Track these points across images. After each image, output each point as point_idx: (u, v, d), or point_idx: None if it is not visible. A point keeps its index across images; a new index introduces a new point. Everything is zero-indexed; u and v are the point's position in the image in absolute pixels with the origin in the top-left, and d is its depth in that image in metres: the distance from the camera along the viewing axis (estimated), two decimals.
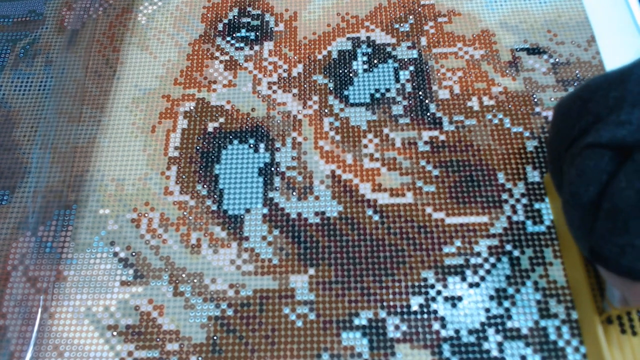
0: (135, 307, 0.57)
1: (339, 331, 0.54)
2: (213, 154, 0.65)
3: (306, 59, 0.70)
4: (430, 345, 0.53)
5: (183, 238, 0.60)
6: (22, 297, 0.58)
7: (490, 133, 0.63)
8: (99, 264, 0.59)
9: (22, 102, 0.70)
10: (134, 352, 0.54)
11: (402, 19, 0.72)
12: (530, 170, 0.61)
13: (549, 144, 0.50)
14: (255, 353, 0.54)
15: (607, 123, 0.40)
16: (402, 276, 0.56)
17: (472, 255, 0.57)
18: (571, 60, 0.67)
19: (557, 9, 0.71)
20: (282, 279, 0.57)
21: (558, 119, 0.48)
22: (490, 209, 0.59)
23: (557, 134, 0.48)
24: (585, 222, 0.41)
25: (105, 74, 0.71)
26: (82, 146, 0.66)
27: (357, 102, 0.67)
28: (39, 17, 0.77)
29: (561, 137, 0.47)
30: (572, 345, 0.52)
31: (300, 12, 0.74)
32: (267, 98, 0.68)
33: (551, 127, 0.50)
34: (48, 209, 0.62)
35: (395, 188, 0.61)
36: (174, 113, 0.68)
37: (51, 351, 0.55)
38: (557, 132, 0.48)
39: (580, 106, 0.44)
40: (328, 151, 0.64)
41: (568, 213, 0.43)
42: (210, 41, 0.73)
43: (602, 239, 0.40)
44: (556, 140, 0.48)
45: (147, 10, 0.76)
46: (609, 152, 0.39)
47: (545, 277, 0.55)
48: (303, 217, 0.60)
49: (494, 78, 0.67)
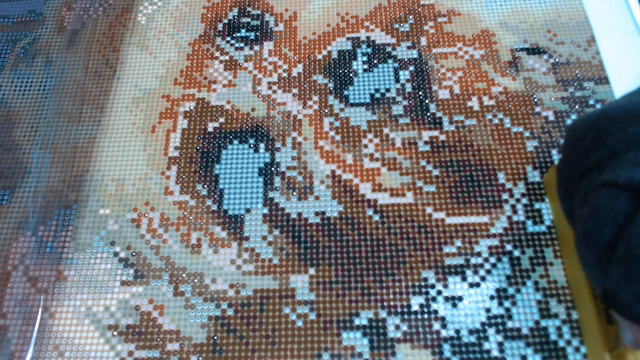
0: (136, 307, 0.57)
1: (340, 331, 0.54)
2: (213, 154, 0.65)
3: (306, 59, 0.70)
4: (431, 345, 0.53)
5: (183, 238, 0.60)
6: (22, 297, 0.58)
7: (491, 133, 0.63)
8: (99, 263, 0.59)
9: (22, 102, 0.70)
10: (135, 352, 0.54)
11: (402, 19, 0.72)
12: (530, 170, 0.61)
13: (560, 167, 0.48)
14: (256, 353, 0.54)
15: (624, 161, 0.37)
16: (402, 276, 0.56)
17: (472, 255, 0.57)
18: (571, 60, 0.67)
19: (557, 9, 0.71)
20: (282, 279, 0.57)
21: (571, 144, 0.46)
22: (491, 209, 0.59)
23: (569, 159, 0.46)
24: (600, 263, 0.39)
25: (105, 74, 0.71)
26: (82, 146, 0.66)
27: (357, 102, 0.67)
28: (38, 17, 0.77)
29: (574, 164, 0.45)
30: (573, 345, 0.52)
31: (300, 12, 0.74)
32: (267, 98, 0.68)
33: (563, 150, 0.48)
34: (48, 209, 0.62)
35: (395, 188, 0.61)
36: (174, 113, 0.68)
37: (51, 351, 0.55)
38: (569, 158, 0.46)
39: (596, 136, 0.42)
40: (328, 151, 0.64)
41: (581, 252, 0.41)
42: (210, 41, 0.73)
43: (617, 285, 0.38)
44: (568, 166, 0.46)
45: (147, 10, 0.76)
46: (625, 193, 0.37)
47: (545, 277, 0.55)
48: (303, 217, 0.60)
49: (494, 78, 0.67)
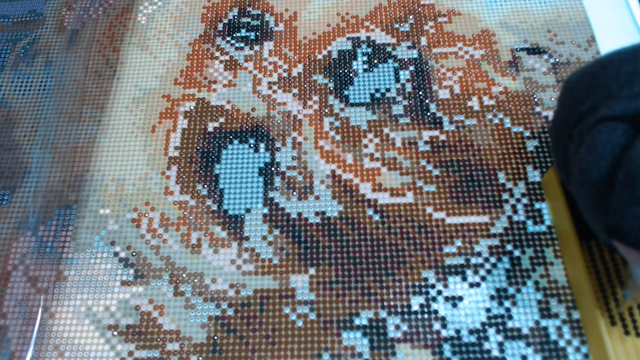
0: (136, 307, 0.57)
1: (340, 331, 0.54)
2: (213, 153, 0.65)
3: (306, 59, 0.70)
4: (431, 345, 0.53)
5: (183, 238, 0.60)
6: (22, 297, 0.58)
7: (491, 133, 0.63)
8: (99, 263, 0.59)
9: (22, 102, 0.70)
10: (135, 352, 0.54)
11: (402, 19, 0.72)
12: (530, 170, 0.61)
13: (554, 121, 0.49)
14: (256, 353, 0.54)
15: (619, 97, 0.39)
16: (402, 276, 0.56)
17: (472, 255, 0.57)
18: (571, 60, 0.67)
19: (557, 8, 0.71)
20: (282, 279, 0.57)
21: (566, 94, 0.47)
22: (491, 209, 0.59)
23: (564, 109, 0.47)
24: (599, 200, 0.40)
25: (105, 74, 0.71)
26: (83, 146, 0.66)
27: (357, 102, 0.67)
28: (39, 17, 0.77)
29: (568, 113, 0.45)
30: (573, 345, 0.52)
31: (300, 12, 0.74)
32: (267, 98, 0.68)
33: (558, 103, 0.48)
34: (48, 209, 0.62)
35: (395, 188, 0.61)
36: (174, 113, 0.68)
37: (52, 351, 0.55)
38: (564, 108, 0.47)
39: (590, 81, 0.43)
40: (328, 151, 0.64)
41: (580, 194, 0.42)
42: (210, 41, 0.73)
43: (619, 213, 0.38)
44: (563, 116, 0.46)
45: (147, 10, 0.76)
46: (622, 124, 0.38)
47: (546, 277, 0.55)
48: (303, 217, 0.60)
49: (494, 78, 0.67)
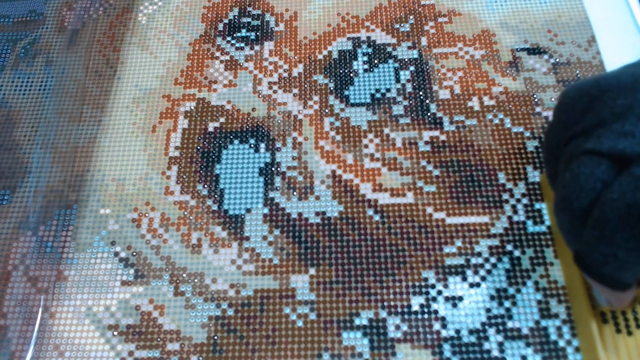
0: (136, 307, 0.57)
1: (340, 331, 0.54)
2: (214, 153, 0.65)
3: (306, 59, 0.70)
4: (431, 345, 0.53)
5: (184, 238, 0.60)
6: (22, 297, 0.58)
7: (491, 133, 0.63)
8: (99, 263, 0.59)
9: (23, 102, 0.70)
10: (135, 351, 0.54)
11: (402, 19, 0.72)
12: (530, 170, 0.61)
13: (548, 133, 0.50)
14: (256, 353, 0.54)
15: (610, 131, 0.39)
16: (402, 276, 0.56)
17: (472, 255, 0.57)
18: (571, 60, 0.67)
19: (558, 9, 0.71)
20: (282, 279, 0.57)
21: (562, 109, 0.48)
22: (491, 209, 0.59)
23: (558, 124, 0.48)
24: (574, 227, 0.42)
25: (105, 73, 0.71)
26: (83, 146, 0.66)
27: (357, 102, 0.67)
28: (39, 17, 0.77)
29: (562, 129, 0.46)
30: (573, 345, 0.52)
31: (301, 12, 0.74)
32: (268, 98, 0.68)
33: (554, 114, 0.50)
34: (49, 209, 0.62)
35: (395, 188, 0.61)
36: (175, 113, 0.68)
37: (52, 351, 0.55)
38: (558, 122, 0.48)
39: (587, 103, 0.43)
40: (329, 151, 0.64)
41: (558, 215, 0.44)
42: (211, 41, 0.73)
43: (588, 246, 0.40)
44: (557, 131, 0.48)
45: (148, 10, 0.76)
46: (606, 161, 0.39)
47: (546, 277, 0.55)
48: (304, 217, 0.60)
49: (495, 78, 0.67)
